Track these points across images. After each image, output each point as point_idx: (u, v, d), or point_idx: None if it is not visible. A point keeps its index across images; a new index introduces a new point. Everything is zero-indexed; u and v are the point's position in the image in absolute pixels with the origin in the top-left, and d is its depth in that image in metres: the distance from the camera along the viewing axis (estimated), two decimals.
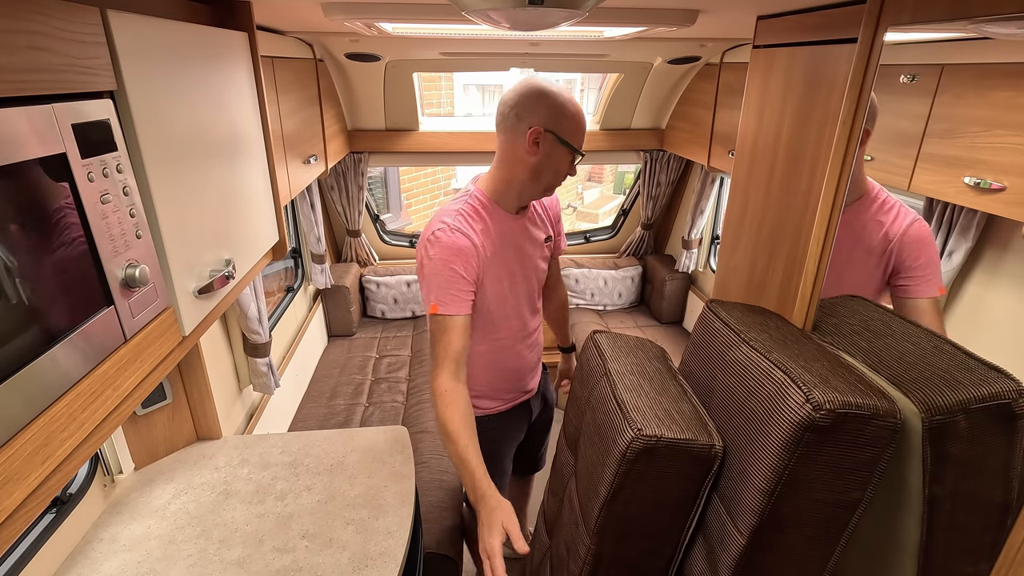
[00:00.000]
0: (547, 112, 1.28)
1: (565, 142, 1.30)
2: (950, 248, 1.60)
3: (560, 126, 1.29)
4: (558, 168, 1.34)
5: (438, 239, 1.29)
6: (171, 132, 0.95)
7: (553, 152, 1.31)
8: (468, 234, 1.31)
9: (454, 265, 1.27)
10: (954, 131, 1.33)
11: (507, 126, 1.32)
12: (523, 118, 1.29)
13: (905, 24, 0.98)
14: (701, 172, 3.00)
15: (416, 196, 6.21)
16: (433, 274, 1.29)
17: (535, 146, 1.30)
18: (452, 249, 1.28)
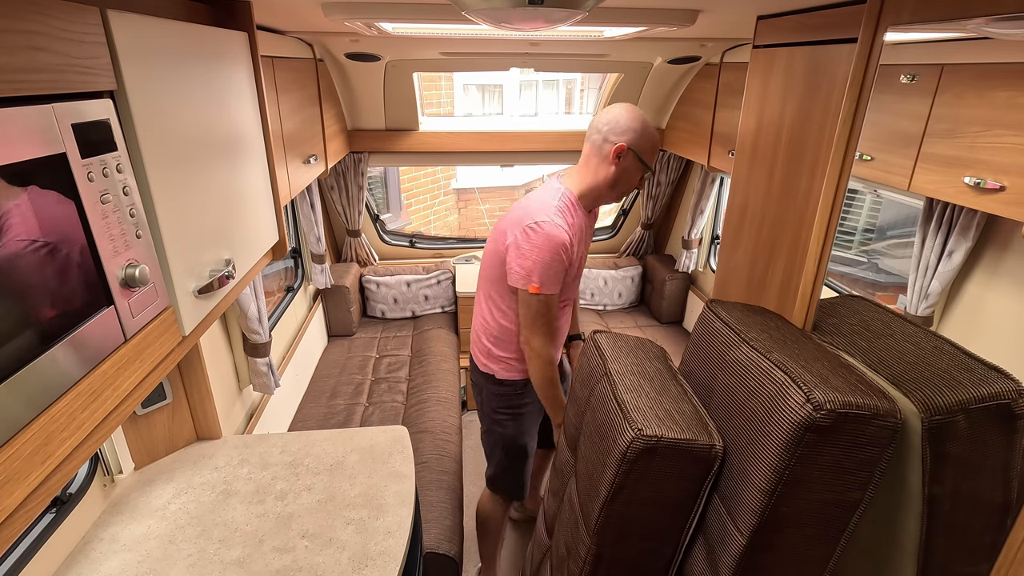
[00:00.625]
0: (632, 134, 1.52)
1: (641, 160, 1.55)
2: (950, 248, 1.60)
3: (640, 146, 1.53)
4: (631, 180, 1.58)
5: (542, 228, 1.49)
6: (171, 132, 0.95)
7: (630, 167, 1.55)
8: (566, 229, 1.52)
9: (558, 254, 1.50)
10: (954, 131, 1.33)
11: (596, 139, 1.56)
12: (611, 135, 1.53)
13: (905, 24, 0.98)
14: (701, 172, 3.00)
15: (416, 196, 6.21)
16: (537, 260, 1.50)
17: (616, 159, 1.53)
18: (556, 241, 1.49)
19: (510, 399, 1.74)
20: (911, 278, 1.73)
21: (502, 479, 1.87)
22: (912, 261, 1.72)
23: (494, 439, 1.83)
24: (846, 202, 1.23)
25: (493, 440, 1.84)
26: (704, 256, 3.34)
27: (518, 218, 1.54)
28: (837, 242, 1.16)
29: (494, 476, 1.89)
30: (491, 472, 1.90)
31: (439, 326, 3.30)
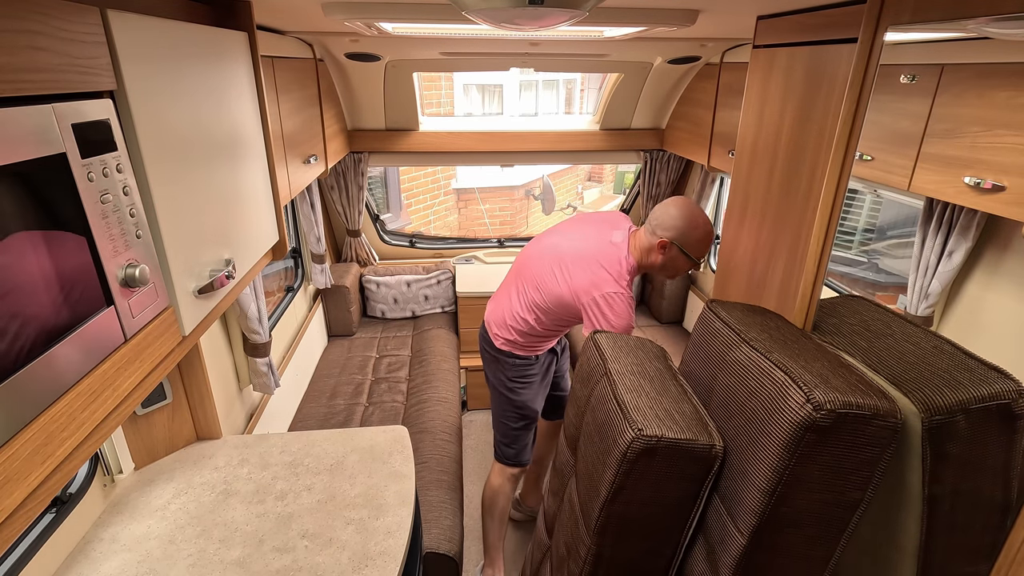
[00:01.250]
0: (675, 231, 1.70)
1: (685, 253, 1.71)
2: (950, 248, 1.60)
3: (683, 242, 1.70)
4: (678, 267, 1.76)
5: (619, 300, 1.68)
6: (171, 132, 0.95)
7: (676, 257, 1.73)
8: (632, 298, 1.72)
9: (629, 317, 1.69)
10: (954, 131, 1.33)
11: (649, 229, 1.74)
12: (659, 229, 1.71)
13: (905, 24, 0.98)
14: (701, 172, 2.99)
15: (416, 196, 6.21)
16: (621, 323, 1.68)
17: (662, 251, 1.72)
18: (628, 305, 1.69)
19: (524, 369, 1.98)
20: (911, 278, 1.73)
21: (514, 447, 2.07)
22: (912, 261, 1.72)
23: (508, 408, 2.03)
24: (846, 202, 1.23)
25: (506, 409, 2.03)
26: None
27: (593, 276, 1.70)
28: (837, 242, 1.16)
29: (507, 445, 2.08)
30: (498, 442, 2.09)
31: (439, 326, 3.30)
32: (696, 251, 1.72)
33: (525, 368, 1.97)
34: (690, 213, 1.71)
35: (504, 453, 2.09)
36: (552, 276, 1.78)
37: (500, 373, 2.00)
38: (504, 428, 2.07)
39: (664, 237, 1.70)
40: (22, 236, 0.63)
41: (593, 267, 1.72)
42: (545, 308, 1.82)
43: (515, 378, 1.98)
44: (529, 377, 1.99)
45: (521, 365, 1.97)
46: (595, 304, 1.69)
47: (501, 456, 2.10)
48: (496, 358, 1.99)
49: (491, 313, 2.00)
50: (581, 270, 1.73)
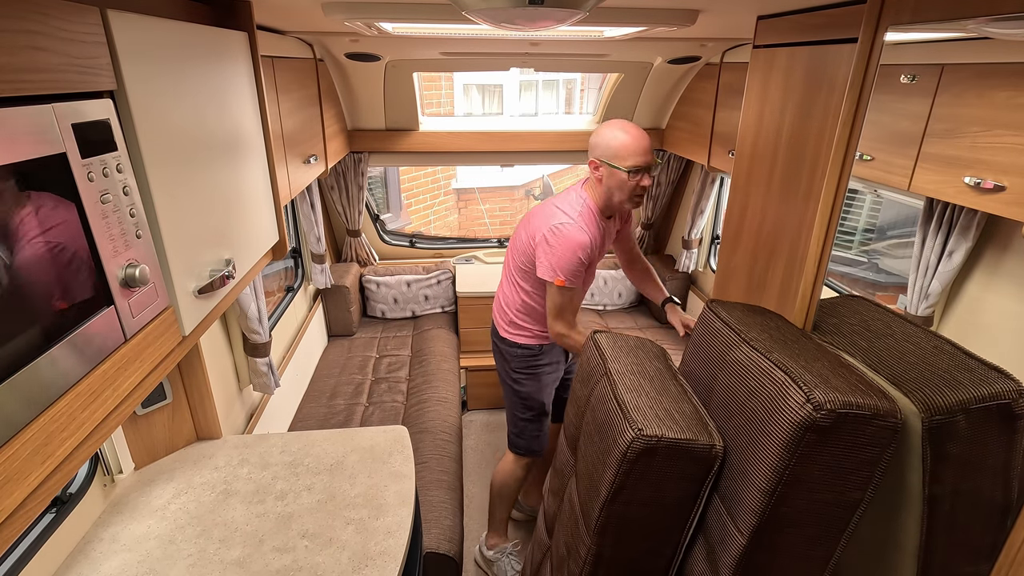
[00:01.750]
0: (598, 148, 1.70)
1: (615, 166, 1.68)
2: (950, 248, 1.60)
3: (608, 155, 1.68)
4: (623, 187, 1.71)
5: (566, 230, 1.69)
6: (171, 132, 0.95)
7: (611, 176, 1.70)
8: (587, 232, 1.71)
9: (577, 254, 1.68)
10: (954, 131, 1.33)
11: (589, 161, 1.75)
12: (590, 154, 1.73)
13: (905, 24, 0.98)
14: (701, 172, 2.99)
15: (416, 196, 6.21)
16: (561, 257, 1.69)
17: (596, 171, 1.73)
18: (576, 241, 1.68)
19: (527, 360, 1.97)
20: (911, 278, 1.73)
21: (523, 437, 2.07)
22: (912, 261, 1.72)
23: (515, 399, 2.04)
24: (846, 202, 1.23)
25: (513, 400, 2.05)
26: (704, 256, 3.34)
27: (547, 216, 1.74)
28: (837, 242, 1.15)
29: (516, 436, 2.08)
30: (512, 432, 2.10)
31: (439, 326, 3.30)
32: (624, 160, 1.66)
33: (530, 359, 1.98)
34: (609, 126, 1.70)
35: (514, 443, 2.10)
36: (522, 240, 1.83)
37: (505, 364, 2.03)
38: (512, 418, 2.09)
39: (592, 157, 1.72)
40: (22, 236, 0.63)
41: (549, 210, 1.76)
42: (525, 274, 1.85)
43: (519, 369, 2.00)
44: (534, 369, 1.99)
45: (525, 356, 1.97)
46: (543, 240, 1.71)
47: (512, 445, 2.12)
48: (501, 349, 2.02)
49: (494, 307, 2.06)
50: (539, 218, 1.76)
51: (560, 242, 1.69)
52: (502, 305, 1.99)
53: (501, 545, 2.24)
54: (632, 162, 1.67)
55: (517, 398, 2.04)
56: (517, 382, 2.01)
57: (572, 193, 1.80)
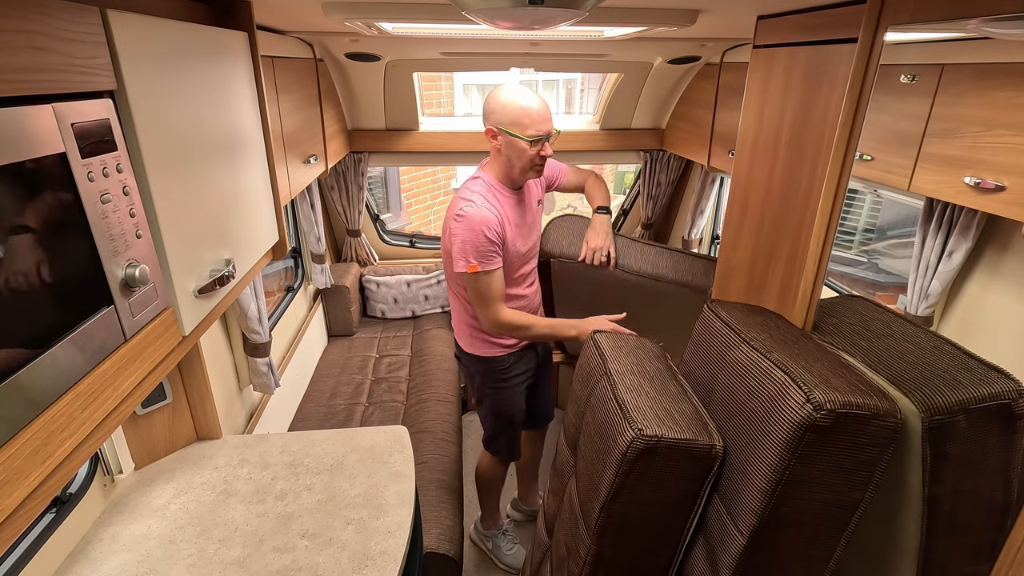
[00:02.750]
0: (492, 115, 1.63)
1: (512, 133, 1.60)
2: (950, 248, 1.60)
3: (503, 122, 1.61)
4: (523, 153, 1.63)
5: (466, 213, 1.60)
6: (171, 132, 0.95)
7: (509, 143, 1.63)
8: (491, 208, 1.63)
9: (482, 233, 1.59)
10: (954, 131, 1.33)
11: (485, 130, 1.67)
12: (484, 122, 1.66)
13: (905, 24, 0.98)
14: (701, 172, 2.99)
15: (416, 196, 6.21)
16: (467, 241, 1.59)
17: (494, 140, 1.66)
18: (478, 220, 1.59)
19: (493, 374, 1.90)
20: (911, 278, 1.73)
21: (496, 442, 2.06)
22: (912, 261, 1.72)
23: (485, 409, 2.00)
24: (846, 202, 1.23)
25: (485, 410, 2.00)
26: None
27: (451, 210, 1.67)
28: (837, 242, 1.16)
29: (490, 439, 2.07)
30: (487, 436, 2.07)
31: (439, 326, 3.30)
32: (523, 128, 1.58)
33: (493, 372, 1.89)
34: (503, 90, 1.62)
35: (490, 447, 2.09)
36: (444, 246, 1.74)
37: (473, 380, 1.97)
38: (487, 426, 2.05)
39: (488, 126, 1.64)
40: (22, 236, 0.63)
41: (452, 203, 1.68)
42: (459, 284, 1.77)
43: (489, 383, 1.92)
44: (501, 382, 1.90)
45: (489, 370, 1.89)
46: (450, 233, 1.64)
47: (488, 447, 2.10)
48: (467, 366, 1.95)
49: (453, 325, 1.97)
50: (448, 216, 1.68)
51: (464, 226, 1.59)
52: (457, 321, 1.91)
53: (496, 525, 2.31)
54: (533, 131, 1.60)
55: (489, 411, 1.98)
56: (487, 395, 1.95)
57: (472, 179, 1.73)
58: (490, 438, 2.06)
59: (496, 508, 2.28)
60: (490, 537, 2.30)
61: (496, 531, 2.30)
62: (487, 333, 1.82)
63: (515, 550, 2.27)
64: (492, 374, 1.89)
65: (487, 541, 2.32)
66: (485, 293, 1.67)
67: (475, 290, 1.67)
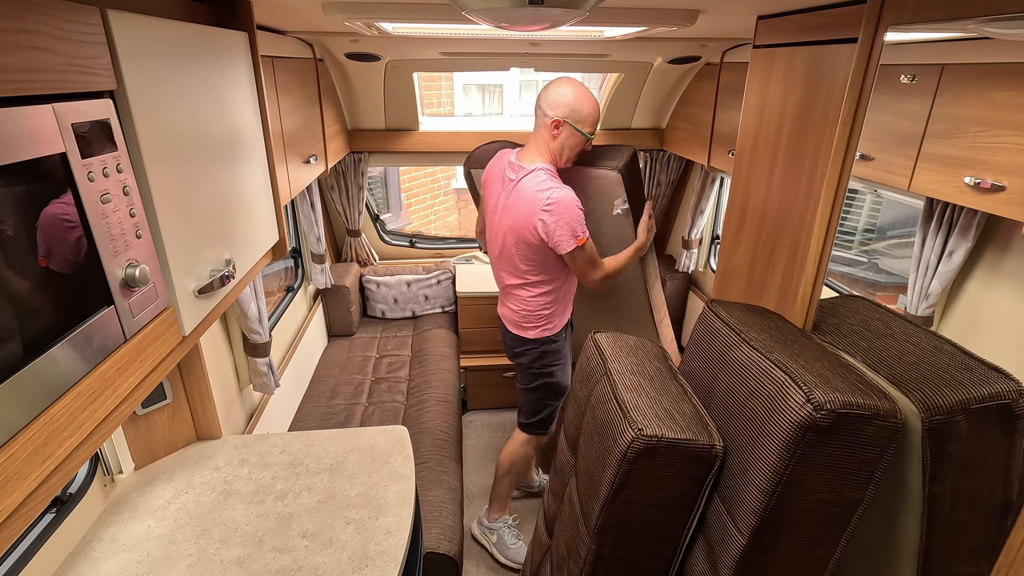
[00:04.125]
0: (564, 108, 1.74)
1: (578, 129, 1.75)
2: (950, 248, 1.60)
3: (574, 118, 1.74)
4: (575, 146, 1.80)
5: (556, 198, 1.70)
6: (171, 132, 0.94)
7: (569, 136, 1.77)
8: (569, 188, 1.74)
9: (576, 206, 1.72)
10: (954, 131, 1.33)
11: (540, 115, 1.79)
12: (548, 110, 1.75)
13: (905, 24, 0.98)
14: (701, 172, 2.99)
15: (416, 196, 6.21)
16: (572, 219, 1.71)
17: (556, 131, 1.76)
18: (571, 198, 1.71)
19: (553, 353, 2.01)
20: (911, 278, 1.73)
21: (545, 422, 2.12)
22: (912, 261, 1.72)
23: (545, 391, 2.06)
24: (846, 202, 1.23)
25: (541, 393, 2.07)
26: (704, 256, 3.34)
27: (532, 202, 1.74)
28: (837, 242, 1.15)
29: (539, 421, 2.11)
30: (536, 419, 2.11)
31: (439, 326, 3.30)
32: (588, 126, 1.76)
33: (551, 353, 2.00)
34: (573, 89, 1.74)
35: (535, 426, 2.13)
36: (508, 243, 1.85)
37: (531, 363, 2.03)
38: (538, 407, 2.10)
39: (556, 116, 1.74)
40: (22, 235, 0.63)
41: (527, 197, 1.76)
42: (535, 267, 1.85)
43: (552, 363, 2.02)
44: (562, 356, 2.04)
45: (549, 350, 1.99)
46: (545, 220, 1.73)
47: (525, 428, 2.15)
48: (520, 351, 2.02)
49: (508, 315, 2.03)
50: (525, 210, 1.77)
51: (560, 208, 1.71)
52: (513, 311, 1.98)
53: (503, 517, 2.31)
54: (592, 128, 1.77)
55: (549, 389, 2.06)
56: (551, 375, 2.03)
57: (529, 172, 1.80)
58: (540, 420, 2.11)
59: (508, 497, 2.31)
60: (495, 530, 2.31)
61: (501, 524, 2.31)
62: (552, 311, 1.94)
63: (519, 546, 2.28)
64: (552, 354, 2.01)
65: (491, 534, 2.32)
66: (593, 257, 1.81)
67: (584, 258, 1.78)
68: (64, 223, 0.69)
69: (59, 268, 0.68)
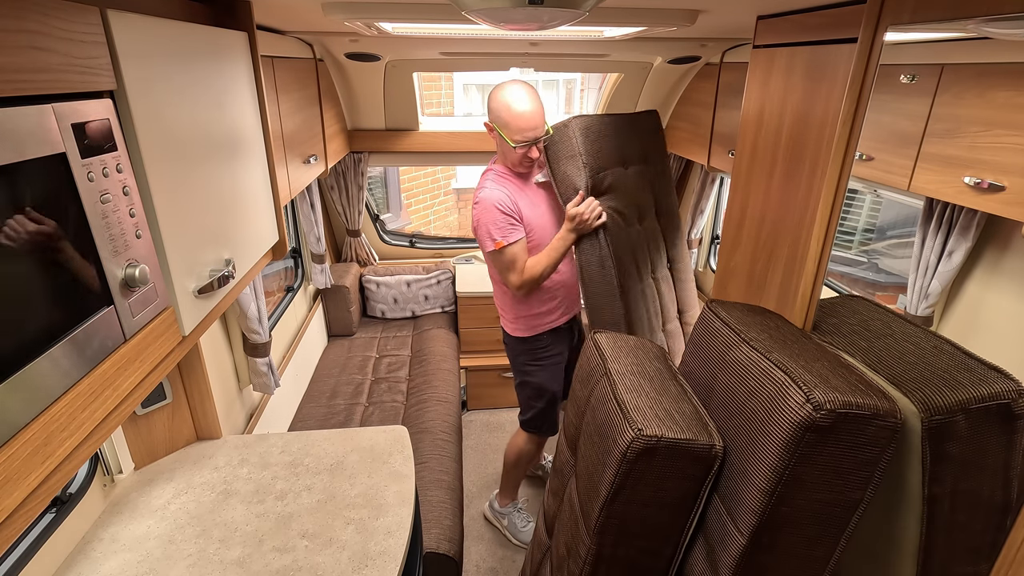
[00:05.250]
0: (491, 113, 1.76)
1: (502, 135, 1.75)
2: (950, 248, 1.60)
3: (498, 121, 1.75)
4: (509, 152, 1.78)
5: (479, 197, 1.76)
6: (171, 132, 0.95)
7: (501, 141, 1.78)
8: (499, 189, 1.78)
9: (495, 209, 1.73)
10: (954, 131, 1.33)
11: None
12: (487, 114, 1.78)
13: (905, 24, 0.98)
14: (701, 172, 2.99)
15: (416, 196, 6.21)
16: (486, 220, 1.74)
17: (492, 134, 1.79)
18: (490, 199, 1.74)
19: (534, 352, 2.06)
20: (911, 278, 1.73)
21: (536, 421, 2.16)
22: (912, 261, 1.72)
23: (528, 390, 2.13)
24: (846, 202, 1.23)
25: (527, 391, 2.13)
26: (704, 256, 3.34)
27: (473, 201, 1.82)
28: (837, 242, 1.16)
29: (530, 420, 2.16)
30: (527, 417, 2.17)
31: (439, 326, 3.30)
32: (510, 133, 1.73)
33: (534, 351, 2.05)
34: (503, 88, 1.74)
35: (527, 424, 2.18)
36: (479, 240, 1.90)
37: (516, 359, 2.12)
38: (525, 404, 2.17)
39: (485, 120, 1.80)
40: (22, 236, 0.63)
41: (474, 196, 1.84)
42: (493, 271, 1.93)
43: (528, 361, 2.08)
44: (541, 360, 2.06)
45: (530, 349, 2.05)
46: (473, 219, 1.80)
47: (524, 426, 2.20)
48: (509, 344, 2.11)
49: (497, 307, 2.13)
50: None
51: (480, 207, 1.76)
52: (500, 308, 2.09)
53: (513, 502, 2.42)
54: (520, 136, 1.74)
55: (530, 388, 2.11)
56: (529, 373, 2.09)
57: (485, 171, 1.89)
58: (531, 418, 2.16)
59: (517, 486, 2.39)
60: (505, 515, 2.42)
61: (511, 508, 2.41)
62: (527, 314, 1.99)
63: (529, 527, 2.36)
64: (534, 353, 2.05)
65: (502, 518, 2.42)
66: (511, 265, 1.79)
67: (502, 263, 1.80)
68: None
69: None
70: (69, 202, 0.70)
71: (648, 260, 2.03)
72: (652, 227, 2.08)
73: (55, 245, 0.67)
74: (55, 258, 0.68)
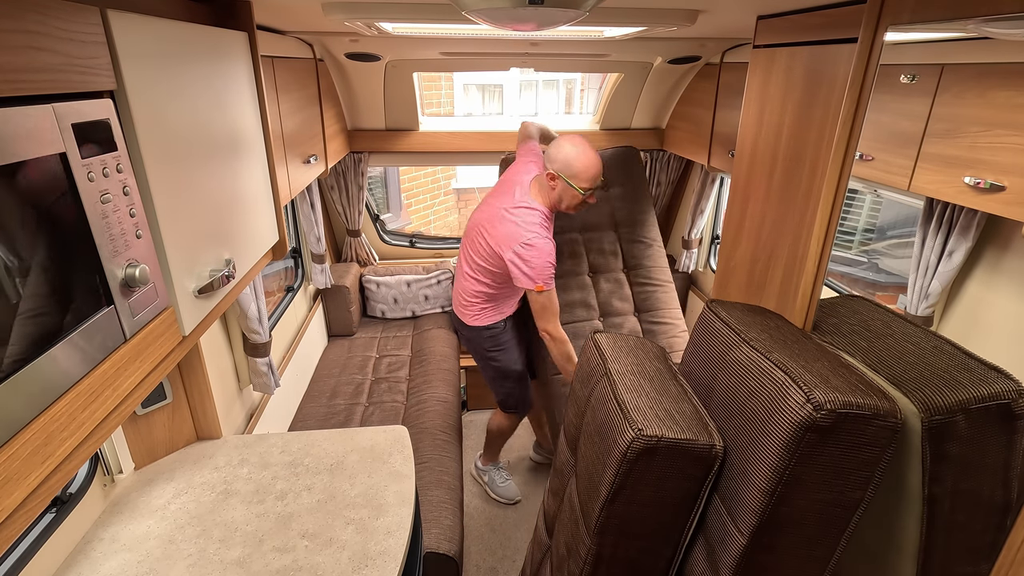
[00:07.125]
0: (559, 163, 1.94)
1: (571, 184, 1.94)
2: (950, 248, 1.60)
3: (567, 173, 1.93)
4: (573, 198, 1.98)
5: (535, 246, 1.92)
6: (171, 132, 0.95)
7: (565, 188, 1.96)
8: (550, 239, 1.96)
9: (550, 260, 1.93)
10: (954, 131, 1.33)
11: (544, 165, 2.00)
12: (548, 163, 1.97)
13: (905, 24, 0.98)
14: (701, 172, 2.99)
15: (416, 196, 6.21)
16: (537, 268, 1.92)
17: (552, 181, 1.97)
18: (547, 251, 1.93)
19: (496, 338, 2.23)
20: (911, 278, 1.73)
21: (510, 400, 2.37)
22: (912, 261, 1.72)
23: (494, 373, 2.31)
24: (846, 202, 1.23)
25: (494, 375, 2.32)
26: (704, 256, 3.34)
27: (511, 235, 1.95)
28: (837, 242, 1.16)
29: (504, 401, 2.38)
30: (501, 398, 2.38)
31: (439, 326, 3.30)
32: (579, 181, 1.92)
33: (498, 335, 2.22)
34: (574, 147, 1.93)
35: (503, 405, 2.40)
36: (482, 246, 2.06)
37: (478, 346, 2.27)
38: (496, 388, 2.36)
39: (551, 170, 1.94)
40: (22, 236, 0.63)
41: (510, 227, 1.97)
42: (488, 273, 2.08)
43: (491, 348, 2.25)
44: (503, 344, 2.24)
45: (492, 335, 2.21)
46: (516, 258, 1.94)
47: (502, 406, 2.41)
48: (469, 336, 2.26)
49: (455, 299, 2.28)
50: (502, 233, 1.98)
51: (534, 256, 1.91)
52: (462, 296, 2.21)
53: (494, 463, 2.74)
54: (588, 184, 1.94)
55: (496, 372, 2.29)
56: (492, 359, 2.26)
57: (524, 205, 2.00)
58: (503, 400, 2.37)
59: (498, 452, 2.71)
60: (486, 471, 2.74)
61: (492, 467, 2.73)
62: (492, 307, 2.17)
63: (507, 484, 2.71)
64: (494, 339, 2.23)
65: (484, 475, 2.75)
66: (549, 307, 1.99)
67: (540, 303, 1.98)
68: None
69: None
70: (69, 202, 0.70)
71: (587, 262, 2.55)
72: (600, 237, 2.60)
73: (55, 245, 0.67)
74: (55, 258, 0.68)
